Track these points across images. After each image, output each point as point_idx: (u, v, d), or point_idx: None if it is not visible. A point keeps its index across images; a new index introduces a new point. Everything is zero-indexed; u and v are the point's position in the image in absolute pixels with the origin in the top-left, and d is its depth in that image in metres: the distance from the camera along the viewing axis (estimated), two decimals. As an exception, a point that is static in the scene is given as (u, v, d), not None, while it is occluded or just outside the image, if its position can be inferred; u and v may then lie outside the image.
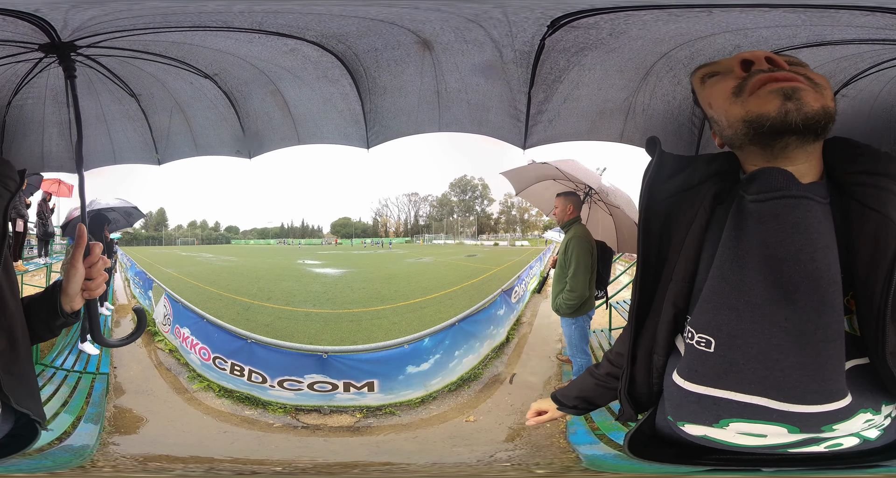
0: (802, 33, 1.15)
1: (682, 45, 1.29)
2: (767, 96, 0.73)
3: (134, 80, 1.63)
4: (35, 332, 1.00)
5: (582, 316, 3.76)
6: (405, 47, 1.40)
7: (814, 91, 0.74)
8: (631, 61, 1.39)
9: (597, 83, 1.50)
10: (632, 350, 0.95)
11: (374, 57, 1.47)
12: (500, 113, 1.70)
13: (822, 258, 0.71)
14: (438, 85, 1.59)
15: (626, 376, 0.97)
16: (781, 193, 0.75)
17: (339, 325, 7.50)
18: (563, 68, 1.43)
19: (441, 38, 1.34)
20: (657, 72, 1.43)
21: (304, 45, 1.41)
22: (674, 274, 0.85)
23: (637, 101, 1.59)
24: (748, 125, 0.75)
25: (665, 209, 0.87)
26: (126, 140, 1.88)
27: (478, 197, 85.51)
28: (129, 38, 1.33)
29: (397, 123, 1.83)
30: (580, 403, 1.24)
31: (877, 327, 0.70)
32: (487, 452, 3.22)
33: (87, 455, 2.87)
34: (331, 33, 1.36)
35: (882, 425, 0.79)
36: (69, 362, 4.63)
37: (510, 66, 1.42)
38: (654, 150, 0.90)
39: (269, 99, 1.75)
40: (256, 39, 1.39)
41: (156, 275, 10.09)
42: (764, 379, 0.75)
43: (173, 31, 1.33)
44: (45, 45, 1.29)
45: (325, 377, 4.04)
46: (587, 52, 1.35)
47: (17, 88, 1.52)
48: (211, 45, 1.46)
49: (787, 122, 0.72)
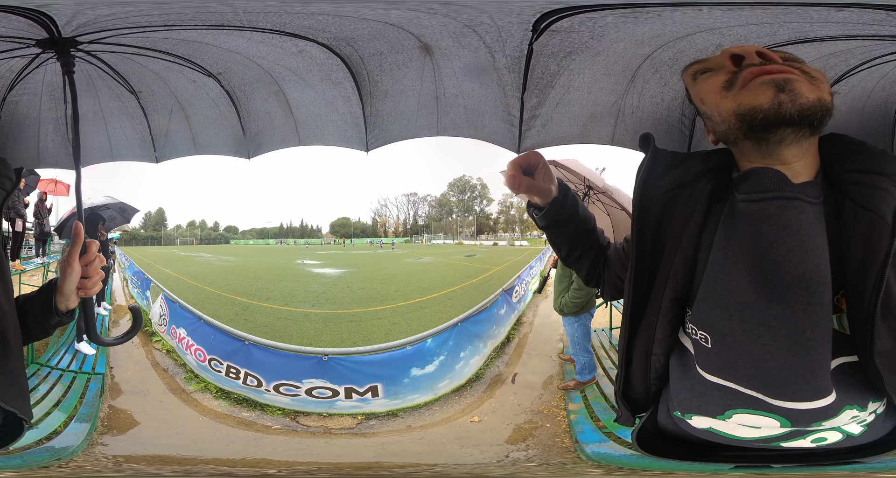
0: (782, 31, 1.16)
1: (664, 45, 1.30)
2: (759, 88, 0.72)
3: (135, 77, 1.63)
4: (29, 331, 0.99)
5: (584, 315, 3.79)
6: (408, 52, 1.42)
7: (809, 82, 0.72)
8: (616, 64, 1.41)
9: (586, 87, 1.53)
10: (627, 351, 0.94)
11: (379, 61, 1.48)
12: (494, 118, 1.72)
13: (813, 259, 0.72)
14: (437, 90, 1.61)
15: (622, 378, 0.97)
16: (773, 195, 0.75)
17: (338, 325, 7.48)
18: (553, 73, 1.45)
19: (440, 42, 1.35)
20: (643, 74, 1.45)
21: (313, 46, 1.43)
22: (672, 272, 0.84)
23: (626, 103, 1.61)
24: (741, 118, 0.74)
25: (659, 206, 0.87)
26: (124, 137, 1.88)
27: (476, 197, 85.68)
28: (136, 34, 1.33)
29: (396, 127, 1.85)
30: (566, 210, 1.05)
31: (866, 326, 0.71)
32: (496, 452, 3.21)
33: (66, 455, 2.85)
34: (342, 36, 1.38)
35: (865, 421, 0.80)
36: (65, 361, 4.61)
37: (503, 71, 1.44)
38: (648, 146, 0.89)
39: (272, 99, 1.76)
40: (268, 39, 1.40)
41: (154, 275, 10.06)
42: (754, 376, 0.77)
43: (183, 29, 1.34)
44: (42, 40, 1.27)
45: (325, 382, 3.95)
46: (574, 57, 1.37)
47: (12, 84, 1.51)
48: (220, 44, 1.47)
49: (781, 113, 0.70)
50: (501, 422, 3.76)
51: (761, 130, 0.73)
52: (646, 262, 0.87)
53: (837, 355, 0.75)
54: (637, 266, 0.88)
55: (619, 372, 0.97)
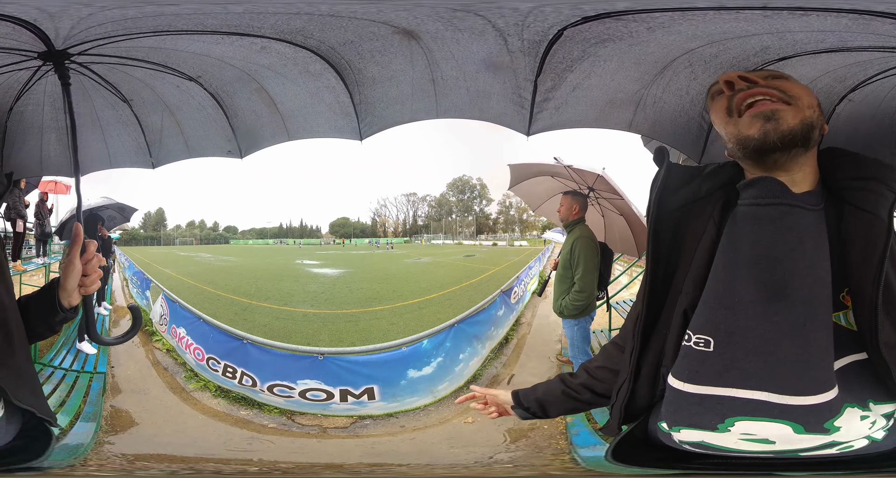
0: (830, 38, 1.18)
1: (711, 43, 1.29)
2: (751, 121, 0.83)
3: (124, 86, 1.63)
4: (34, 329, 1.03)
5: (584, 317, 3.76)
6: (384, 39, 1.38)
7: (792, 108, 0.81)
8: (651, 55, 1.39)
9: (610, 74, 1.50)
10: (636, 366, 0.93)
11: (353, 49, 1.44)
12: (502, 100, 1.67)
13: (811, 257, 0.77)
14: (433, 73, 1.56)
15: (627, 391, 0.95)
16: (776, 201, 0.81)
17: (336, 325, 7.51)
18: (576, 58, 1.42)
19: (426, 27, 1.30)
20: (676, 67, 1.43)
21: (272, 42, 1.39)
22: (684, 285, 0.87)
23: (649, 93, 1.59)
24: (739, 144, 0.84)
25: (673, 220, 0.90)
26: (121, 144, 1.88)
27: (476, 197, 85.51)
28: (115, 44, 1.33)
29: (390, 113, 1.79)
30: (535, 406, 1.18)
31: (870, 319, 0.75)
32: (485, 453, 3.23)
33: (80, 454, 2.88)
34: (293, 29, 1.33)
35: (886, 425, 0.81)
36: (67, 361, 4.65)
37: (517, 54, 1.40)
38: (663, 160, 0.91)
39: (255, 97, 1.73)
40: (225, 40, 1.38)
41: (154, 275, 10.10)
42: (762, 372, 0.78)
43: (151, 36, 1.32)
44: (42, 53, 1.31)
45: (320, 383, 3.91)
46: (607, 44, 1.34)
47: (18, 95, 1.54)
48: (187, 49, 1.45)
49: (767, 142, 0.81)
50: (495, 423, 3.77)
51: (756, 155, 0.83)
52: (660, 275, 0.90)
53: (845, 354, 0.78)
54: (652, 279, 0.90)
55: (626, 384, 0.96)
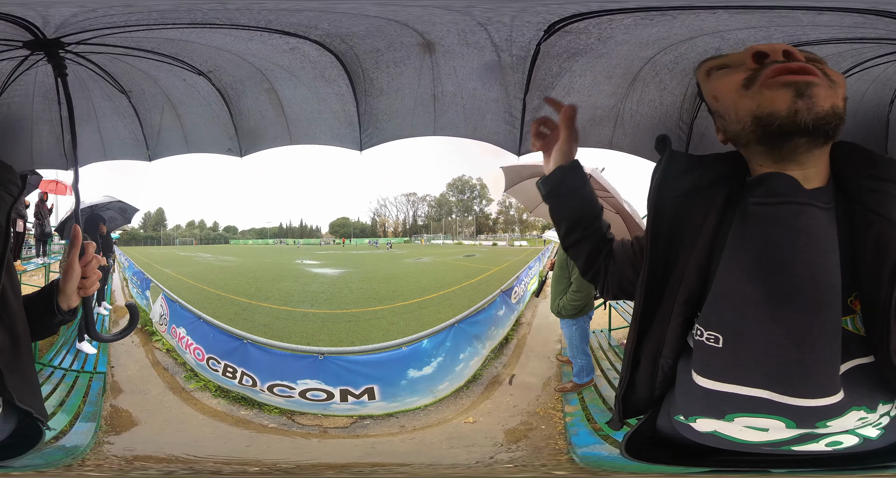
0: (777, 35, 1.17)
1: (666, 49, 1.30)
2: (779, 90, 0.71)
3: (125, 77, 1.62)
4: (33, 330, 1.02)
5: (583, 317, 3.75)
6: (407, 49, 1.40)
7: (827, 88, 0.72)
8: (618, 67, 1.41)
9: (587, 90, 1.52)
10: (634, 354, 0.94)
11: (375, 58, 1.47)
12: (495, 118, 1.70)
13: (822, 262, 0.74)
14: (435, 88, 1.59)
15: (626, 381, 0.97)
16: (787, 199, 0.76)
17: (336, 325, 7.49)
18: (555, 74, 1.44)
19: (445, 40, 1.33)
20: (643, 77, 1.45)
21: (305, 43, 1.41)
22: (685, 275, 0.85)
23: (625, 107, 1.61)
24: (757, 122, 0.74)
25: (674, 209, 0.87)
26: (116, 137, 1.88)
27: (476, 197, 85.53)
28: (121, 35, 1.32)
29: (392, 126, 1.82)
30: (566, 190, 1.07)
31: (882, 326, 0.72)
32: (486, 453, 3.20)
33: (78, 454, 2.87)
34: (336, 32, 1.36)
35: (880, 423, 0.81)
36: (67, 361, 4.63)
37: (508, 70, 1.43)
38: (665, 148, 0.89)
39: (263, 97, 1.74)
40: (257, 37, 1.38)
41: (154, 274, 10.07)
42: (767, 373, 0.78)
43: (169, 28, 1.33)
44: (29, 42, 1.27)
45: (320, 383, 3.90)
46: (577, 58, 1.37)
47: (2, 86, 1.51)
48: (208, 42, 1.45)
49: (797, 122, 0.71)
50: (496, 423, 3.74)
51: (775, 138, 0.73)
52: (660, 264, 0.88)
53: (851, 358, 0.76)
54: (651, 268, 0.88)
55: (624, 375, 0.97)
